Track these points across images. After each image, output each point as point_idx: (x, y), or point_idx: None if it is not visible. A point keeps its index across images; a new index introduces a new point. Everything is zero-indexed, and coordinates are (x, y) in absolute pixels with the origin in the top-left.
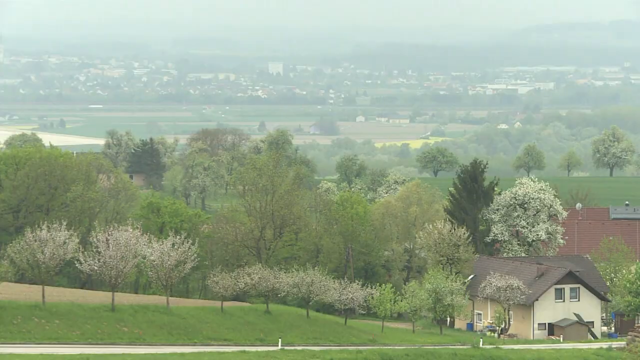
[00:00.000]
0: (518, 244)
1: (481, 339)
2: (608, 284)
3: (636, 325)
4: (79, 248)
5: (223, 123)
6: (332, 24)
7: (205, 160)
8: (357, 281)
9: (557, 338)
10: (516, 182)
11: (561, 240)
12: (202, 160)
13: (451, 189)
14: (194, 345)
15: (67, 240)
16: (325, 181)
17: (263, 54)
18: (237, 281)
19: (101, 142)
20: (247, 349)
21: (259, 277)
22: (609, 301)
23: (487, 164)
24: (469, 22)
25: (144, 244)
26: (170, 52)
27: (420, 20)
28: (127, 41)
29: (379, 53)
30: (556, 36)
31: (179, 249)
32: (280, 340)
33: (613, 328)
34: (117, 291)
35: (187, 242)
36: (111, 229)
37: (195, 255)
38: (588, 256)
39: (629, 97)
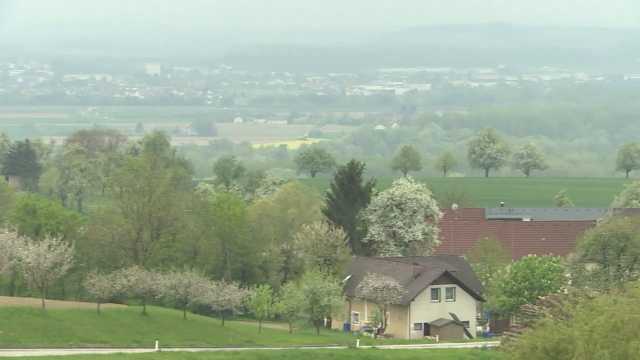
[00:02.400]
0: (395, 245)
1: (358, 340)
2: (483, 283)
3: (511, 324)
4: None
5: (100, 124)
6: (209, 25)
7: (82, 162)
8: (234, 282)
9: (433, 338)
10: (393, 182)
11: (437, 241)
12: (78, 161)
13: (329, 190)
14: (70, 348)
15: None
16: (202, 182)
17: (140, 55)
18: (114, 283)
19: None
20: (123, 351)
21: (136, 279)
22: (484, 301)
23: (364, 164)
24: (345, 23)
25: (20, 246)
26: (46, 53)
27: (298, 22)
28: (1, 42)
29: (256, 54)
30: (432, 38)
31: (55, 251)
32: (157, 342)
33: (488, 327)
34: None
35: (64, 244)
36: None
37: (72, 257)
38: (464, 256)
39: (504, 99)
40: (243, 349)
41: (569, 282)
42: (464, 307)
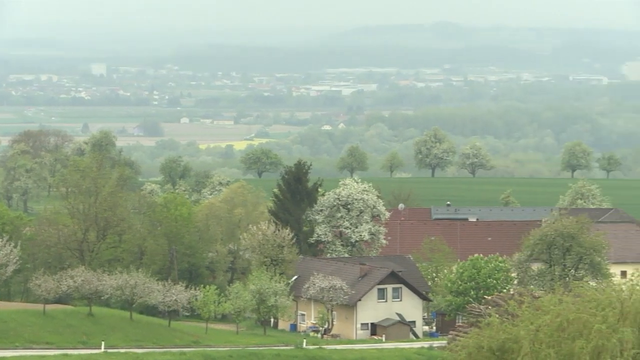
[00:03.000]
0: (341, 245)
1: (304, 340)
2: (430, 283)
3: (457, 324)
4: None
5: (46, 124)
6: (155, 25)
7: (27, 162)
8: (181, 283)
9: (380, 338)
10: (340, 183)
11: (384, 241)
12: (24, 162)
13: (275, 190)
14: (15, 349)
15: None
16: (149, 183)
17: (86, 55)
18: (60, 284)
19: None
20: (69, 352)
21: (82, 280)
22: (430, 301)
23: (311, 165)
24: (291, 23)
25: None
26: None
27: (244, 22)
28: None
29: (202, 54)
30: (378, 38)
31: (1, 252)
32: (103, 343)
33: (434, 327)
34: None
35: (9, 244)
36: None
37: (18, 258)
38: (410, 256)
39: (450, 99)
40: (190, 350)
41: (515, 282)
42: (411, 307)
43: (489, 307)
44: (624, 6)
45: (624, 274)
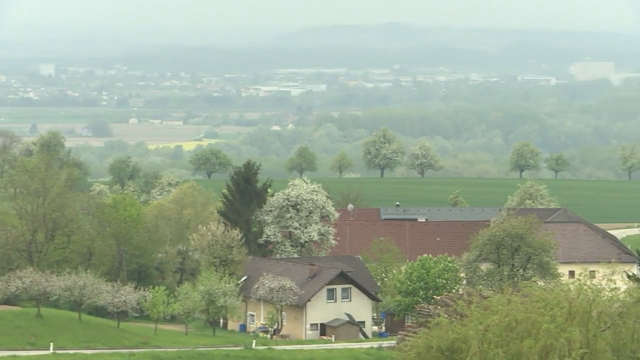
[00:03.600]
0: (291, 245)
1: (254, 340)
2: (379, 284)
3: (406, 324)
4: None
5: None
6: (103, 25)
7: None
8: (130, 284)
9: (329, 338)
10: (289, 183)
11: (333, 241)
12: None
13: (224, 190)
14: None
15: None
16: (98, 183)
17: (34, 56)
18: (8, 285)
19: None
20: (17, 353)
21: (31, 281)
22: (379, 301)
23: (260, 165)
24: (241, 24)
25: None
26: None
27: (193, 22)
28: None
29: (151, 55)
30: (327, 38)
31: None
32: (52, 344)
33: (384, 327)
34: None
35: None
36: None
37: None
38: (359, 257)
39: (399, 99)
40: (139, 351)
41: (464, 282)
42: (360, 307)
43: (438, 307)
44: (571, 7)
45: (572, 273)
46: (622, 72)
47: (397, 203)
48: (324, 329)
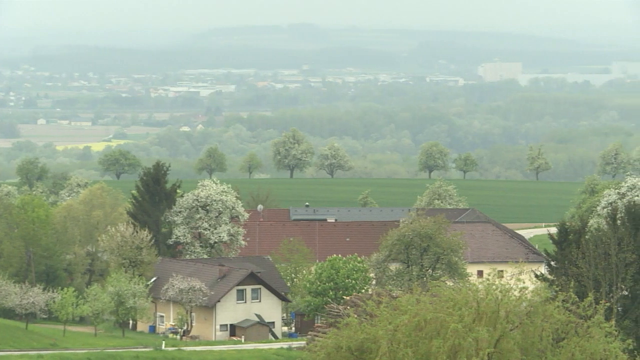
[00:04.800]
0: (200, 246)
1: (163, 342)
2: (289, 284)
3: (316, 325)
4: None
5: None
6: (12, 25)
7: None
8: (38, 285)
9: (239, 339)
10: (198, 184)
11: (243, 242)
12: None
13: (134, 191)
14: None
15: None
16: (5, 185)
17: None
18: None
19: None
20: None
21: None
22: (289, 301)
23: (169, 166)
24: (150, 24)
25: None
26: None
27: (101, 23)
28: None
29: (59, 55)
30: (236, 39)
31: None
32: None
33: (293, 328)
34: None
35: None
36: None
37: None
38: (269, 257)
39: (308, 100)
40: (47, 353)
41: (373, 282)
42: (270, 308)
43: (348, 307)
44: (479, 8)
45: (480, 273)
46: (529, 72)
47: (307, 203)
48: (233, 329)
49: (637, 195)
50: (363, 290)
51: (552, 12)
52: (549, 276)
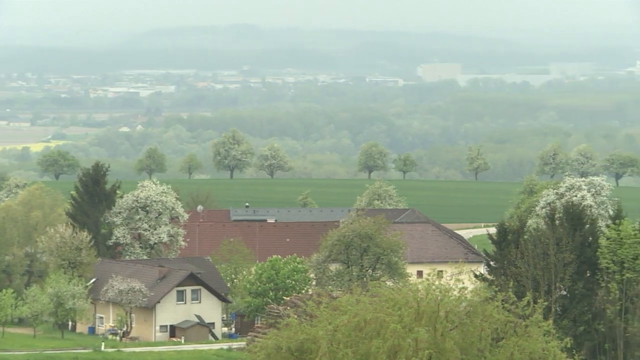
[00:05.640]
0: (140, 247)
1: (103, 343)
2: (229, 285)
3: (256, 325)
4: None
5: None
6: None
7: None
8: None
9: (179, 340)
10: (138, 185)
11: (182, 243)
12: None
13: (73, 192)
14: None
15: None
16: None
17: None
18: None
19: None
20: None
21: None
22: (229, 302)
23: (109, 166)
24: (88, 24)
25: None
26: None
27: (39, 23)
28: None
29: None
30: (175, 39)
31: None
32: None
33: (233, 329)
34: None
35: None
36: None
37: None
38: (209, 258)
39: (248, 100)
40: None
41: (313, 283)
42: (210, 309)
43: (288, 307)
44: (418, 9)
45: (420, 273)
46: (468, 73)
47: (247, 204)
48: (173, 330)
49: (576, 196)
50: (303, 291)
51: (490, 13)
52: (488, 276)
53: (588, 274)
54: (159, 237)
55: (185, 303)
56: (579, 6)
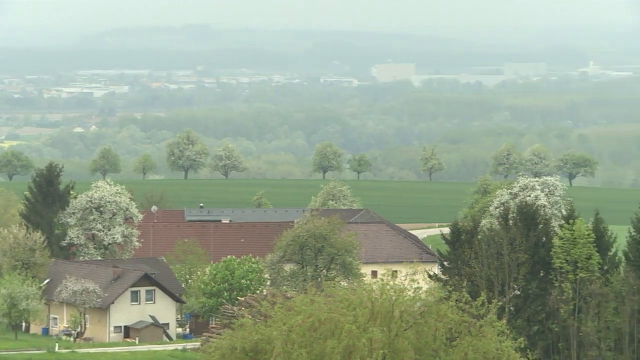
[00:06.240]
0: (94, 248)
1: (57, 344)
2: (183, 285)
3: (210, 326)
4: None
5: None
6: None
7: None
8: None
9: (133, 340)
10: (92, 185)
11: (137, 243)
12: None
13: (26, 193)
14: None
15: None
16: None
17: None
18: None
19: None
20: None
21: None
22: (184, 302)
23: (62, 167)
24: (42, 24)
25: None
26: None
27: None
28: None
29: None
30: (129, 40)
31: None
32: None
33: (188, 329)
34: None
35: None
36: None
37: None
38: (163, 258)
39: (203, 101)
40: None
41: (268, 283)
42: (164, 309)
43: (242, 308)
44: (373, 9)
45: (374, 273)
46: (422, 73)
47: (201, 204)
48: (127, 331)
49: (529, 196)
50: (258, 291)
51: (444, 14)
52: (442, 276)
53: (542, 274)
54: (113, 238)
55: (139, 304)
56: (531, 6)
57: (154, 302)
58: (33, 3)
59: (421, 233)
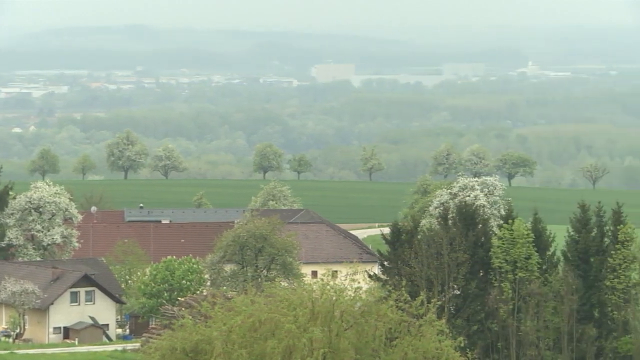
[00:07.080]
0: (34, 248)
1: None
2: (123, 286)
3: (150, 326)
4: None
5: None
6: None
7: None
8: None
9: (73, 341)
10: (31, 186)
11: (76, 244)
12: None
13: None
14: None
15: None
16: None
17: None
18: None
19: None
20: None
21: None
22: (123, 303)
23: (1, 167)
24: None
25: None
26: None
27: None
28: None
29: None
30: (69, 39)
31: None
32: None
33: (128, 330)
34: None
35: None
36: None
37: None
38: (103, 259)
39: (143, 101)
40: None
41: (208, 283)
42: (104, 310)
43: (182, 308)
44: (312, 9)
45: (314, 274)
46: (362, 74)
47: (141, 205)
48: (67, 332)
49: (469, 196)
50: (198, 292)
51: (384, 14)
52: (382, 276)
53: (481, 274)
54: (53, 238)
55: (79, 304)
56: (470, 6)
57: (94, 303)
58: None
59: (361, 233)
